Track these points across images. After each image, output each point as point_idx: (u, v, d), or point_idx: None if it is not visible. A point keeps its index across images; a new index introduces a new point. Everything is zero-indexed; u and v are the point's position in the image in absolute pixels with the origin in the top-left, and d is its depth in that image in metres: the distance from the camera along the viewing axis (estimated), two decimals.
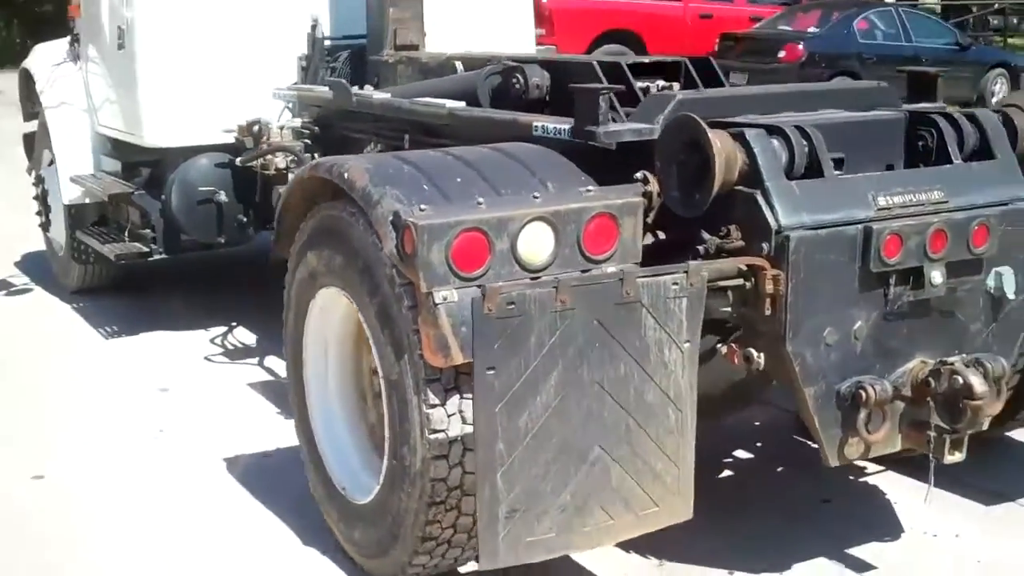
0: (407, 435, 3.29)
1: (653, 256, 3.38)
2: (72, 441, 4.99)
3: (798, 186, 3.36)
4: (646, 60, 4.58)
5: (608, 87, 3.72)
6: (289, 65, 5.95)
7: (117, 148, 6.60)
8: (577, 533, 3.14)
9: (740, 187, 3.34)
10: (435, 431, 3.21)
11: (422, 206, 3.19)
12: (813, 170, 3.42)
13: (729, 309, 3.38)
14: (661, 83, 4.35)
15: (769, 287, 3.29)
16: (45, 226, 7.24)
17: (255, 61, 5.94)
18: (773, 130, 3.42)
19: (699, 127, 3.27)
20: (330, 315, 3.86)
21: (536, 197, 3.29)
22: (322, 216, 3.72)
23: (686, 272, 3.17)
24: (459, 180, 3.38)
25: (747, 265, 3.30)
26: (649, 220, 3.43)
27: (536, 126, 3.86)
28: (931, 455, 3.49)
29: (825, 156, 3.43)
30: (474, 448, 3.06)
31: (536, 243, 3.19)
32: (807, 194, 3.35)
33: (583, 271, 3.21)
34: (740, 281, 3.32)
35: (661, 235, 3.54)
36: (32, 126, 7.59)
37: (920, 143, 3.72)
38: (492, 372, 2.97)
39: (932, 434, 3.48)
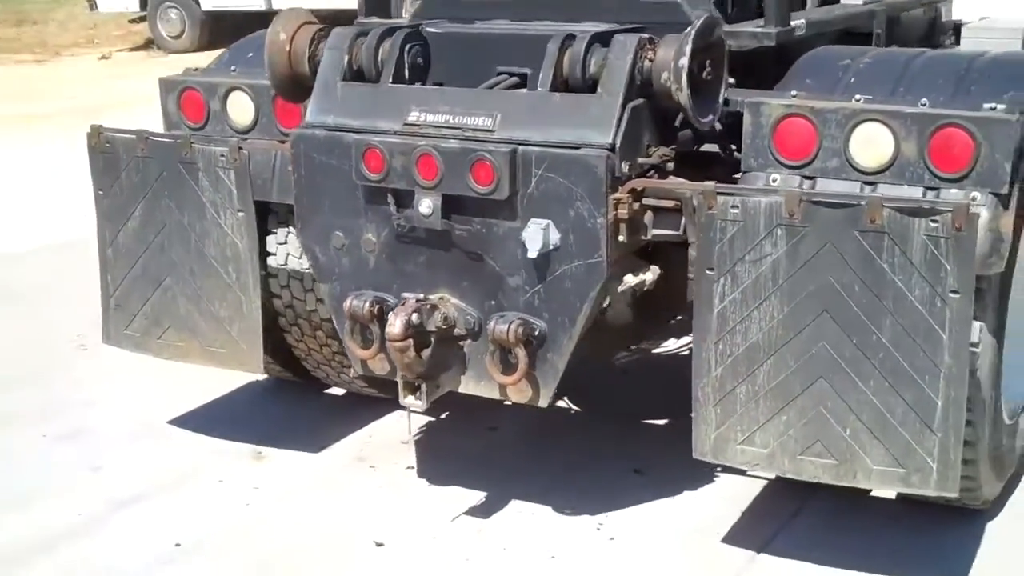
0: None
1: None
2: None
3: (344, 88, 3.39)
4: None
5: None
6: None
7: None
8: (153, 341, 3.88)
9: None
10: None
11: (196, 68, 4.08)
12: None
13: None
14: None
15: (291, 179, 3.47)
16: None
17: None
18: (366, 32, 3.44)
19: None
20: None
21: None
22: None
23: (229, 147, 3.57)
24: None
25: None
26: None
27: None
28: None
29: (389, 65, 3.34)
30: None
31: (238, 108, 3.92)
32: (344, 97, 3.38)
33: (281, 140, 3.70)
34: None
35: None
36: None
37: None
38: (101, 193, 3.88)
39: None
